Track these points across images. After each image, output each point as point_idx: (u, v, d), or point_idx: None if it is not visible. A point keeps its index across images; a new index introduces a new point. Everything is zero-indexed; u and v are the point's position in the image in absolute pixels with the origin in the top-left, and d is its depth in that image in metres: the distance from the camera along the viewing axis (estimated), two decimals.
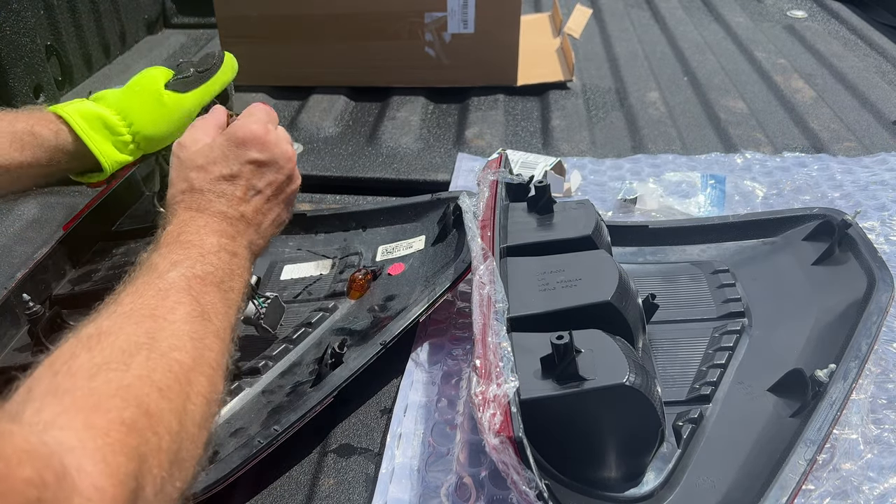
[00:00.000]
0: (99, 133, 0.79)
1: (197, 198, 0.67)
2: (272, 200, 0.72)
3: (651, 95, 1.55)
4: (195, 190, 0.68)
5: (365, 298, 0.90)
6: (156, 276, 0.57)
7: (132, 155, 0.82)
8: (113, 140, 0.80)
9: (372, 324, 0.85)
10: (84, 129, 0.78)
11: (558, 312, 0.71)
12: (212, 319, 0.57)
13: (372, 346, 0.78)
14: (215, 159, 0.69)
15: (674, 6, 2.10)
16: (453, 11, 1.49)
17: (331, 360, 0.77)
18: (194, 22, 2.00)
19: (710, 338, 0.82)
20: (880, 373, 0.79)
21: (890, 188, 1.14)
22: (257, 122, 0.71)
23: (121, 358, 0.47)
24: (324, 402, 0.74)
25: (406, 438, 0.75)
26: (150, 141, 0.83)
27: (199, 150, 0.70)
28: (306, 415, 0.72)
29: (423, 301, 0.83)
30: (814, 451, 0.62)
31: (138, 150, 0.83)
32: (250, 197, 0.69)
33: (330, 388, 0.74)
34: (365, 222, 1.04)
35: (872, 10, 2.02)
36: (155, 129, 0.82)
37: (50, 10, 1.49)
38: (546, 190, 0.88)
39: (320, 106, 1.52)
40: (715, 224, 0.99)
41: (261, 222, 0.70)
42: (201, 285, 0.58)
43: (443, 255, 0.91)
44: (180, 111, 0.83)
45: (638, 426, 0.65)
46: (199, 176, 0.68)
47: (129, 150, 0.82)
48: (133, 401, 0.44)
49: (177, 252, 0.60)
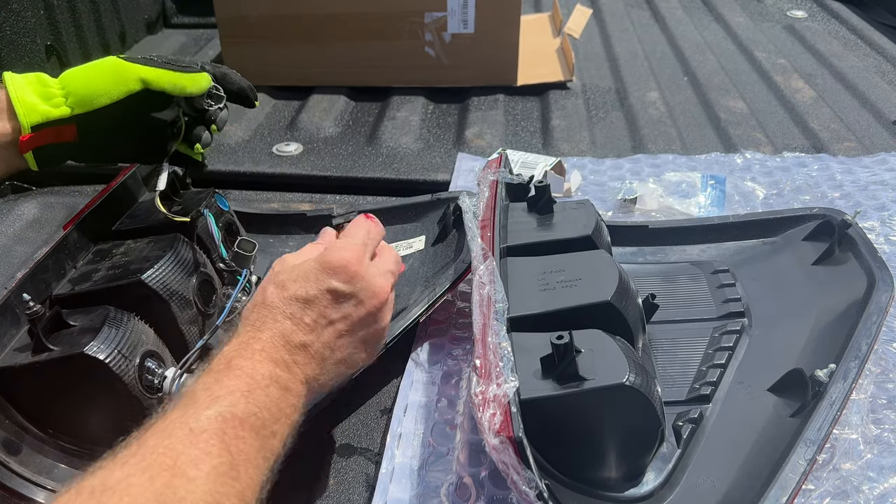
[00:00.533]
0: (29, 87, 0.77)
1: (264, 314, 0.62)
2: (345, 337, 0.65)
3: (651, 95, 1.55)
4: (266, 305, 0.63)
5: None
6: (192, 412, 0.52)
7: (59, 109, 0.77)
8: (41, 91, 0.77)
9: None
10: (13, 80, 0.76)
11: (558, 312, 0.71)
12: (240, 476, 0.51)
13: None
14: (296, 278, 0.64)
15: (674, 6, 2.10)
16: (453, 11, 1.49)
17: None
18: (194, 22, 2.00)
19: (710, 338, 0.82)
20: (880, 373, 0.79)
21: (890, 188, 1.14)
22: (351, 249, 0.66)
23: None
24: (323, 404, 0.73)
25: (406, 438, 0.75)
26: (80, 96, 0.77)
27: (290, 269, 0.65)
28: (307, 415, 0.72)
29: (423, 301, 0.83)
30: (814, 451, 0.62)
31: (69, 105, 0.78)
32: (321, 328, 0.63)
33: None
34: None
35: (872, 10, 2.02)
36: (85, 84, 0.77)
37: (50, 10, 1.49)
38: (546, 190, 0.88)
39: (320, 106, 1.52)
40: (715, 224, 0.99)
41: (326, 357, 0.64)
42: (238, 430, 0.52)
43: (443, 255, 0.91)
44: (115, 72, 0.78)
45: (638, 426, 0.65)
46: (275, 292, 0.63)
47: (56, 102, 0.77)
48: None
49: (222, 383, 0.55)
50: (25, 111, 0.76)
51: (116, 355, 0.68)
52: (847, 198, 1.13)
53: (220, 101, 0.85)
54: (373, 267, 0.67)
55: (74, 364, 0.67)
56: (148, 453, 0.48)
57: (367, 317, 0.66)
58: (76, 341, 0.69)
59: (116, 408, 0.69)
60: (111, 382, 0.68)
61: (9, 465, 0.65)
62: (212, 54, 1.81)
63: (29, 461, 0.67)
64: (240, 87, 0.87)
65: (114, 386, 0.68)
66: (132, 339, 0.71)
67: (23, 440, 0.68)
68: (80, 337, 0.69)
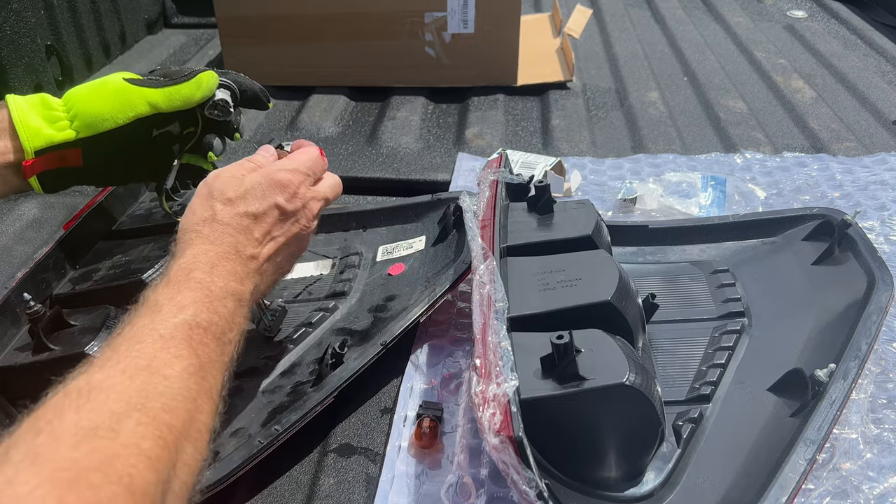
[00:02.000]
0: (33, 109, 0.76)
1: (217, 229, 0.66)
2: (282, 250, 0.71)
3: (651, 95, 1.55)
4: (216, 221, 0.66)
5: (365, 299, 0.90)
6: (159, 319, 0.56)
7: (64, 133, 0.76)
8: (45, 114, 0.76)
9: (372, 324, 0.85)
10: (16, 102, 0.75)
11: (558, 312, 0.71)
12: (207, 377, 0.55)
13: (373, 346, 0.78)
14: (244, 195, 0.68)
15: (674, 6, 2.10)
16: (453, 11, 1.49)
17: (331, 360, 0.77)
18: (194, 22, 2.00)
19: (710, 337, 0.83)
20: (880, 372, 0.79)
21: (890, 188, 1.14)
22: (295, 171, 0.72)
23: (110, 422, 0.45)
24: (324, 403, 0.74)
25: (406, 447, 0.75)
26: (86, 119, 0.76)
27: (231, 182, 0.69)
28: (307, 415, 0.72)
29: (423, 301, 0.83)
30: (814, 451, 0.62)
31: (74, 129, 0.77)
32: (266, 241, 0.69)
33: (330, 388, 0.74)
34: (365, 222, 1.04)
35: (872, 10, 2.02)
36: (90, 106, 0.76)
37: (50, 10, 1.49)
38: (546, 190, 0.88)
39: (320, 106, 1.52)
40: (715, 224, 0.99)
41: (266, 269, 0.69)
42: (203, 336, 0.57)
43: (443, 255, 0.91)
44: (122, 97, 0.77)
45: (638, 426, 0.65)
46: (224, 208, 0.67)
47: (61, 125, 0.76)
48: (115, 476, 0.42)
49: (184, 293, 0.59)
50: (29, 135, 0.75)
51: None
52: (847, 198, 1.13)
53: (228, 115, 0.83)
54: (312, 191, 0.74)
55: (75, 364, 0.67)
56: (122, 357, 0.51)
57: (300, 233, 0.72)
58: (77, 341, 0.69)
59: None
60: None
61: None
62: (212, 54, 1.81)
63: None
64: (253, 92, 0.86)
65: None
66: None
67: None
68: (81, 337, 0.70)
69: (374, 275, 0.94)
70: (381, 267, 0.95)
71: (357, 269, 0.96)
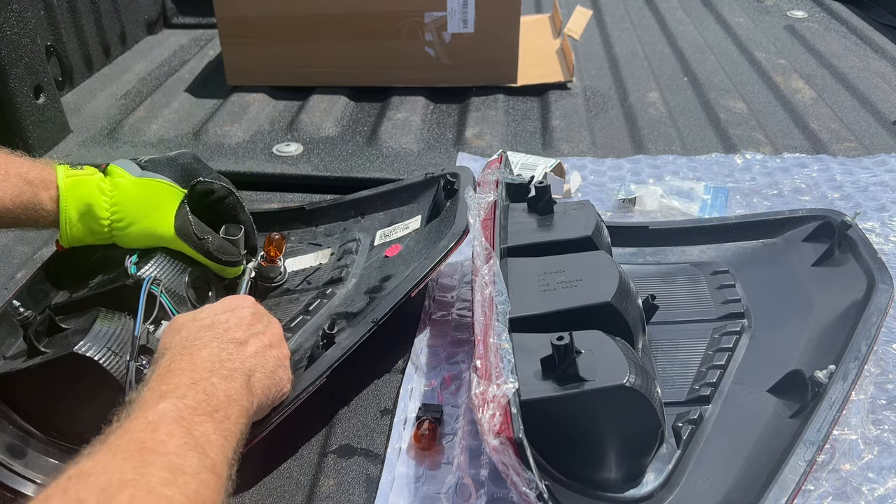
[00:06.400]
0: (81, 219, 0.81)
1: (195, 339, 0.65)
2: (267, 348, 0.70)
3: (651, 95, 1.55)
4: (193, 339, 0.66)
5: (362, 282, 0.91)
6: (144, 409, 0.53)
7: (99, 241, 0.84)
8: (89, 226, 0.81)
9: (367, 305, 0.85)
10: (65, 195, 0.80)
11: (559, 313, 0.71)
12: (207, 453, 0.52)
13: (364, 324, 0.78)
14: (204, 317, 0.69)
15: (674, 6, 2.10)
16: (453, 11, 1.49)
17: (322, 341, 0.77)
18: (194, 22, 2.00)
19: (710, 339, 0.83)
20: (880, 373, 0.79)
21: (890, 189, 1.14)
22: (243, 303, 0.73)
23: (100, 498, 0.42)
24: (316, 383, 0.73)
25: (406, 450, 0.75)
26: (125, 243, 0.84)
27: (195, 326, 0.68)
28: (300, 395, 0.72)
29: (415, 276, 0.82)
30: (813, 452, 0.62)
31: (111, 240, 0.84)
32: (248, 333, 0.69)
33: (322, 367, 0.74)
34: (363, 210, 1.05)
35: (872, 10, 2.02)
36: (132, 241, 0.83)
37: (50, 11, 1.49)
38: (546, 190, 0.88)
39: (320, 106, 1.52)
40: (715, 225, 0.99)
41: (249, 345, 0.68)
42: (193, 415, 0.54)
43: (437, 231, 0.91)
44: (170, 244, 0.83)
45: (638, 427, 0.65)
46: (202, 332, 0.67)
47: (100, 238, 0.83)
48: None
49: (166, 382, 0.57)
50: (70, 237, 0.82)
51: (107, 353, 0.69)
52: (847, 199, 1.13)
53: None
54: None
55: (67, 364, 0.68)
56: (113, 444, 0.49)
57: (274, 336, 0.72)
58: (68, 342, 0.69)
59: (113, 405, 0.69)
60: (104, 380, 0.69)
61: (13, 468, 0.65)
62: (212, 54, 1.81)
63: (34, 464, 0.67)
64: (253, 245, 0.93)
65: (107, 383, 0.68)
66: (123, 336, 0.71)
67: (28, 444, 0.69)
68: (72, 338, 0.70)
69: (372, 258, 0.95)
70: (378, 250, 0.95)
71: (354, 255, 0.96)
